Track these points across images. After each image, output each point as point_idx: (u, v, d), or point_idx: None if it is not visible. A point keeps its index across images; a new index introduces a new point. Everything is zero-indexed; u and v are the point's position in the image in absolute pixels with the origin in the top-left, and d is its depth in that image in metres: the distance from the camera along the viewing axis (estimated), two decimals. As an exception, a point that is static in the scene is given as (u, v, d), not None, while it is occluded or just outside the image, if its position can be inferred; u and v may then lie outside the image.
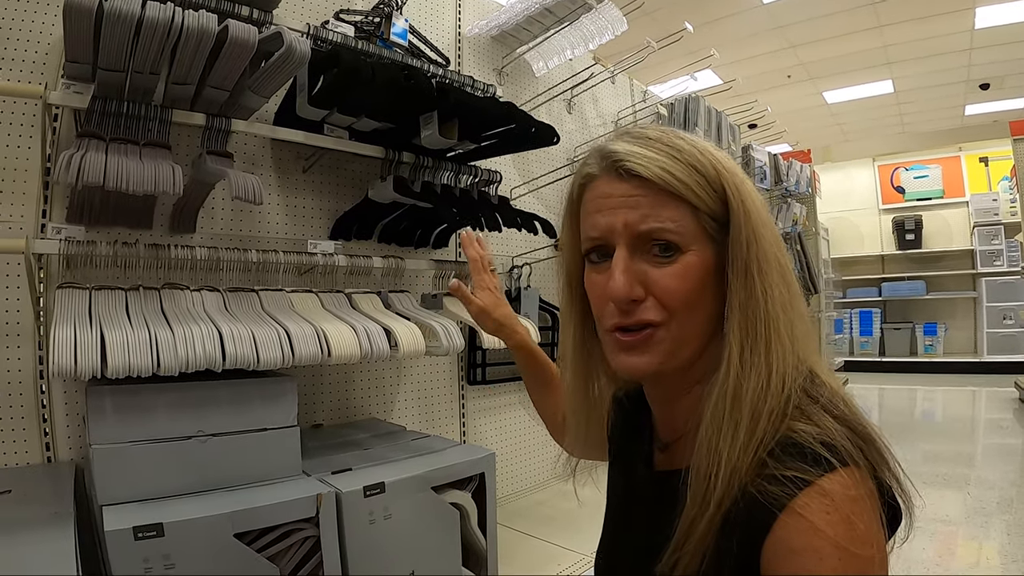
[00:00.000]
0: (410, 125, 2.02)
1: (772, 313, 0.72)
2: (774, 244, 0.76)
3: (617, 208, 0.75)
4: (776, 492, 0.63)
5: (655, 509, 0.82)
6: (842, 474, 0.63)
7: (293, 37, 1.55)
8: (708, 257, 0.75)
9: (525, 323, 2.13)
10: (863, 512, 0.62)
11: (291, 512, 1.39)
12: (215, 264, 1.70)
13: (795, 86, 8.82)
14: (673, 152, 0.75)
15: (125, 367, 1.31)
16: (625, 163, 0.75)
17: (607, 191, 0.77)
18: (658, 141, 0.76)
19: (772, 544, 0.62)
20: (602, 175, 0.78)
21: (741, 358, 0.71)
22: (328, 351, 1.63)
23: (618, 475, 1.01)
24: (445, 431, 2.61)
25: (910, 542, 0.71)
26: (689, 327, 0.76)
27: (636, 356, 0.77)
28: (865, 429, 0.69)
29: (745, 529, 0.64)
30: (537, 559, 2.11)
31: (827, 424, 0.67)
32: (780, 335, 0.72)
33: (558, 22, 2.75)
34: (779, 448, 0.66)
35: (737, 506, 0.65)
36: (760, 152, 5.18)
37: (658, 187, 0.73)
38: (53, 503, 1.34)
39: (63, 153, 1.38)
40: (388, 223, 2.27)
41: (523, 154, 2.95)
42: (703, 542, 0.67)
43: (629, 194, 0.75)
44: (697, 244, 0.74)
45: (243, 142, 2.01)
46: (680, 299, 0.74)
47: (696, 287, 0.74)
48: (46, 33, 1.69)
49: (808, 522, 0.60)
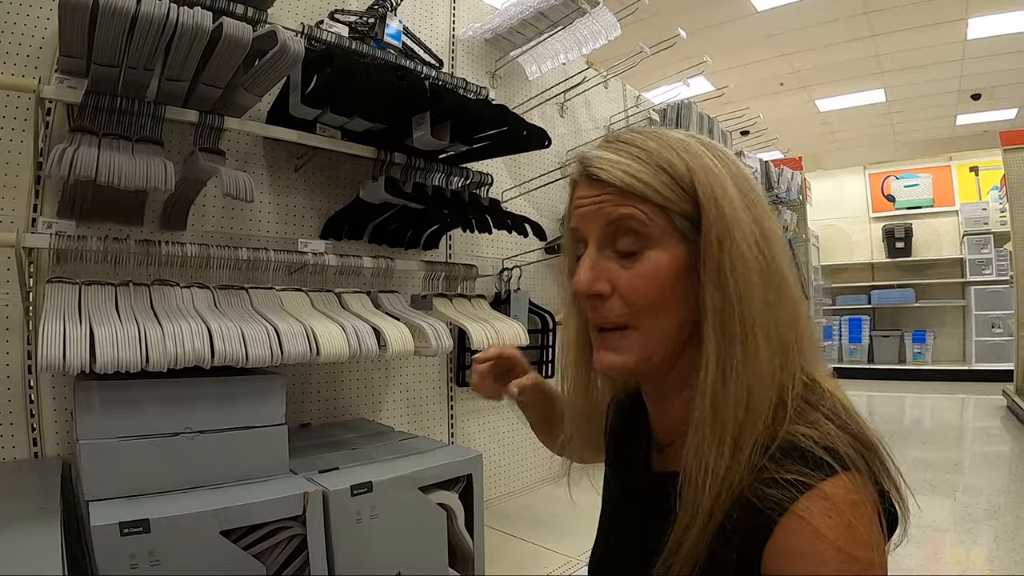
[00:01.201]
0: (402, 126, 2.03)
1: (748, 316, 0.70)
2: (755, 243, 0.73)
3: (588, 207, 0.77)
4: (777, 496, 0.63)
5: (651, 511, 0.82)
6: (843, 478, 0.63)
7: (287, 36, 1.56)
8: (679, 256, 0.74)
9: (513, 325, 2.14)
10: (864, 516, 0.62)
11: (278, 510, 1.39)
12: (205, 261, 1.71)
13: (788, 94, 8.85)
14: (640, 155, 0.75)
15: (114, 362, 1.31)
16: (590, 168, 0.76)
17: (583, 193, 0.79)
18: (630, 144, 0.76)
19: (773, 547, 0.62)
20: (580, 180, 0.80)
21: (718, 362, 0.70)
22: (317, 349, 1.63)
23: (615, 476, 1.01)
24: (433, 432, 2.61)
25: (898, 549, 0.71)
26: (657, 329, 0.76)
27: (611, 354, 0.78)
28: (867, 435, 0.69)
29: (745, 534, 0.64)
30: (523, 561, 2.12)
31: (829, 429, 0.67)
32: (758, 338, 0.70)
33: (552, 26, 2.76)
34: (779, 452, 0.66)
35: (735, 511, 0.65)
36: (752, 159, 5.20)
37: (622, 189, 0.74)
38: (39, 498, 1.34)
39: (55, 147, 1.38)
40: (379, 223, 2.27)
41: (515, 157, 2.95)
42: (695, 549, 0.67)
43: (598, 195, 0.76)
44: (666, 241, 0.74)
45: (236, 140, 2.01)
46: (644, 299, 0.74)
47: (663, 288, 0.74)
48: (40, 27, 1.69)
49: (810, 526, 0.60)
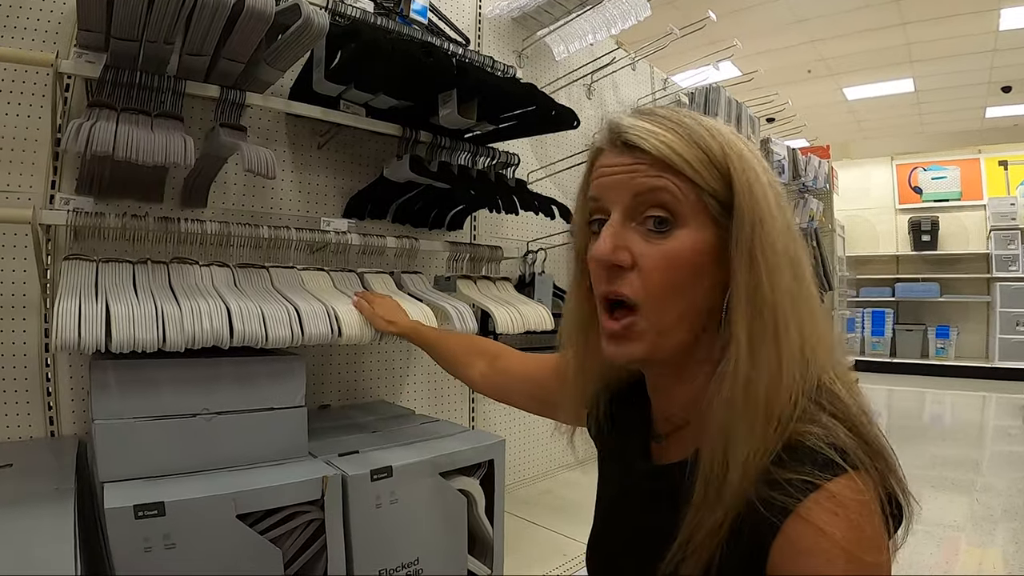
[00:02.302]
0: (428, 104, 1.98)
1: (780, 303, 0.69)
2: (784, 233, 0.72)
3: (617, 175, 0.75)
4: (785, 495, 0.62)
5: (652, 503, 0.82)
6: (851, 478, 0.62)
7: (311, 9, 1.52)
8: (707, 237, 0.73)
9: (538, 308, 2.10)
10: (871, 516, 0.62)
11: (296, 494, 1.35)
12: (226, 239, 1.67)
13: (815, 81, 8.74)
14: (677, 128, 0.73)
15: (130, 341, 1.28)
16: (626, 135, 0.74)
17: (610, 161, 0.77)
18: (665, 118, 0.75)
19: (780, 547, 0.61)
20: (607, 148, 0.78)
21: (750, 348, 0.69)
22: (339, 331, 1.60)
23: (612, 471, 1.00)
24: (454, 416, 2.58)
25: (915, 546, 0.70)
26: (669, 314, 0.74)
27: (622, 346, 0.76)
28: (876, 439, 0.68)
29: (753, 533, 0.63)
30: (543, 548, 2.09)
31: (835, 428, 0.66)
32: (788, 328, 0.69)
33: (580, 5, 2.70)
34: (787, 451, 0.65)
35: (746, 509, 0.64)
36: (779, 146, 5.14)
37: (658, 159, 0.72)
38: (55, 478, 1.32)
39: (72, 122, 1.34)
40: (403, 203, 2.23)
41: (541, 138, 2.91)
42: (712, 539, 0.66)
43: (630, 163, 0.74)
44: (696, 220, 0.72)
45: (257, 116, 1.97)
46: (664, 279, 0.72)
47: (685, 269, 0.72)
48: (59, 1, 1.65)
49: (816, 526, 0.60)
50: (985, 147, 10.07)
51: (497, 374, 1.38)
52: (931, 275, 10.08)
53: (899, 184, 10.67)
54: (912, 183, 10.54)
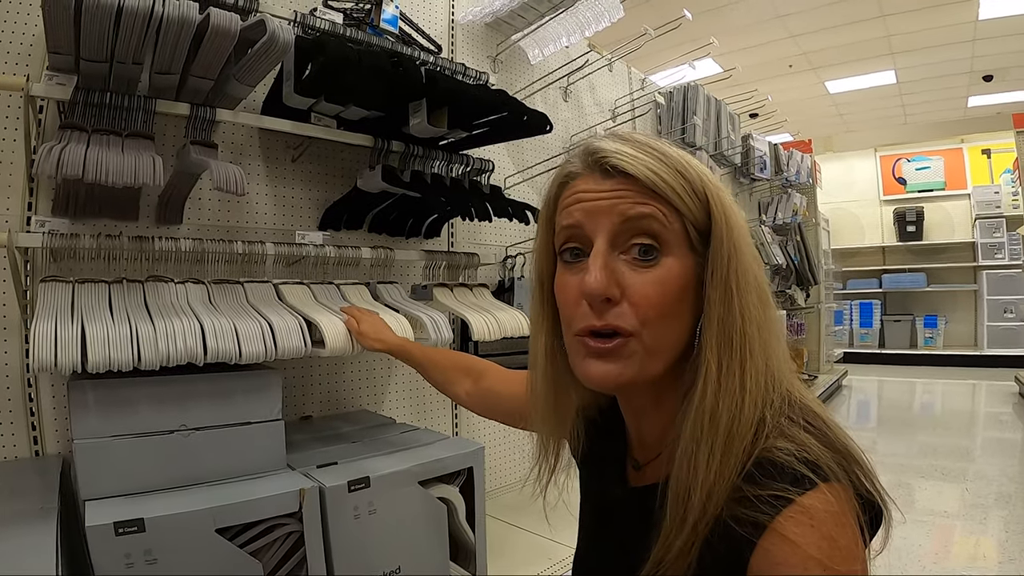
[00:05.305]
0: (399, 113, 2.00)
1: (748, 332, 0.70)
2: (753, 263, 0.74)
3: (600, 201, 0.73)
4: (758, 511, 0.62)
5: (631, 525, 0.81)
6: (823, 490, 0.62)
7: (276, 25, 1.53)
8: (688, 267, 0.73)
9: (515, 314, 2.11)
10: (845, 528, 0.62)
11: (274, 507, 1.37)
12: (200, 256, 1.69)
13: (797, 76, 8.77)
14: (658, 154, 0.73)
15: (105, 362, 1.29)
16: (611, 160, 0.72)
17: (591, 187, 0.74)
18: (645, 144, 0.74)
19: (757, 561, 0.62)
20: (585, 173, 0.76)
21: (719, 375, 0.69)
22: (311, 344, 1.62)
23: (592, 493, 1.00)
24: (437, 423, 2.59)
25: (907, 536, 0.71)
26: (662, 340, 0.73)
27: (606, 364, 0.73)
28: (846, 446, 0.68)
29: (731, 550, 0.64)
30: (529, 553, 2.10)
31: (807, 442, 0.66)
32: (755, 355, 0.70)
33: (553, 8, 2.71)
34: (757, 468, 0.65)
35: (717, 528, 0.65)
36: (760, 141, 5.17)
37: (644, 185, 0.71)
38: (38, 497, 1.33)
39: (44, 145, 1.36)
40: (378, 213, 2.25)
41: (518, 142, 2.92)
42: (682, 560, 0.67)
43: (614, 189, 0.73)
44: (679, 249, 0.72)
45: (231, 131, 1.99)
46: (655, 308, 0.71)
47: (674, 297, 0.72)
48: (32, 25, 1.67)
49: (790, 539, 0.60)
50: (968, 136, 10.14)
51: (481, 392, 1.38)
52: (917, 265, 10.16)
53: (883, 175, 10.73)
54: (896, 174, 10.60)
